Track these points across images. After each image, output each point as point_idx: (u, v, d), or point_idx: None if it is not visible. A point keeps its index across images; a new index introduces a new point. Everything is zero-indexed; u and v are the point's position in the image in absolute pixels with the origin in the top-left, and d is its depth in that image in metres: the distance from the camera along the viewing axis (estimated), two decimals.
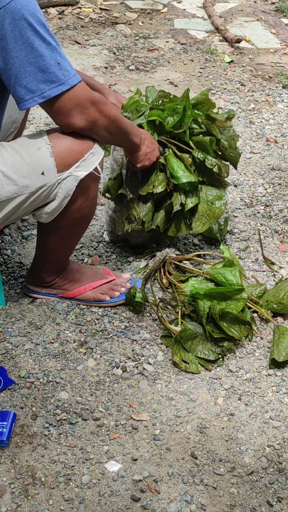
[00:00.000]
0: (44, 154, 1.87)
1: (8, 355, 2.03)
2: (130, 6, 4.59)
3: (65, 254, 2.15)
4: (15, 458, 1.76)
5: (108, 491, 1.70)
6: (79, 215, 2.01)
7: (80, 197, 1.96)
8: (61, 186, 1.91)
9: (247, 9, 4.71)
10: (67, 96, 1.80)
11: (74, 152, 1.90)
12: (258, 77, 3.82)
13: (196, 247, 2.53)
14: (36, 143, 1.88)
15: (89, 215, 2.06)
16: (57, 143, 1.88)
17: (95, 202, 2.05)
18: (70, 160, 1.90)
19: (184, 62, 3.93)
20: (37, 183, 1.88)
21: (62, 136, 1.90)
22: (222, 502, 1.71)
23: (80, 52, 3.94)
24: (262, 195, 2.84)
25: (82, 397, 1.93)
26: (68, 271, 2.18)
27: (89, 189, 1.97)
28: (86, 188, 1.96)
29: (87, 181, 1.94)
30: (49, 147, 1.87)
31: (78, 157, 1.91)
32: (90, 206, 2.03)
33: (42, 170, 1.87)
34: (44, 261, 2.15)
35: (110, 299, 2.21)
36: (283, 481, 1.76)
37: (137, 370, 2.03)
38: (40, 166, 1.87)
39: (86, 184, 1.95)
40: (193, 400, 1.95)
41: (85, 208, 2.01)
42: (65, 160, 1.89)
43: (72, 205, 1.97)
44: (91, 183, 1.97)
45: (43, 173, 1.88)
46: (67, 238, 2.09)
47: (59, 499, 1.68)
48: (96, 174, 1.95)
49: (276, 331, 2.12)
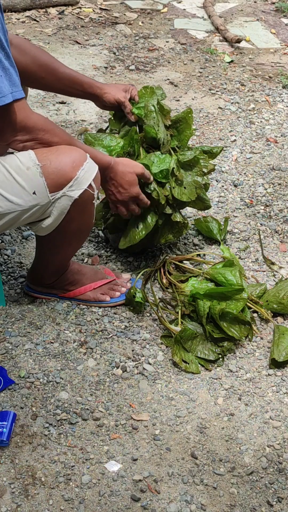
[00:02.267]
0: (33, 174, 1.83)
1: (8, 355, 2.03)
2: (130, 6, 4.59)
3: (64, 260, 2.14)
4: (15, 458, 1.76)
5: (108, 491, 1.70)
6: (77, 229, 1.99)
7: (76, 215, 1.93)
8: (55, 205, 1.88)
9: (247, 9, 4.71)
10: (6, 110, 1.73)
11: (65, 173, 1.85)
12: (258, 77, 3.82)
13: (196, 247, 2.53)
14: (25, 162, 1.83)
15: (87, 229, 2.04)
16: (47, 163, 1.83)
17: (92, 218, 2.01)
18: (61, 180, 1.85)
19: (184, 62, 3.93)
20: (29, 202, 1.85)
21: (52, 155, 1.84)
22: (222, 502, 1.71)
23: (80, 52, 3.94)
24: (262, 195, 2.84)
25: (82, 397, 1.93)
26: (69, 272, 2.18)
27: (85, 206, 1.93)
28: (82, 206, 1.92)
29: (83, 199, 1.90)
30: (38, 167, 1.83)
31: (69, 176, 1.86)
32: (87, 221, 2.00)
33: (34, 190, 1.84)
34: (44, 265, 2.15)
35: (110, 300, 2.21)
36: (283, 481, 1.76)
37: (137, 370, 2.03)
38: (31, 186, 1.83)
39: (81, 203, 1.91)
40: (193, 400, 1.95)
41: (82, 223, 1.99)
42: (56, 181, 1.85)
43: (69, 222, 1.94)
44: (87, 200, 1.92)
45: (35, 192, 1.84)
46: (65, 248, 2.08)
47: (59, 499, 1.68)
48: (90, 191, 1.91)
49: (276, 331, 2.12)
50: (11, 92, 1.71)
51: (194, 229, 2.61)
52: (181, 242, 2.54)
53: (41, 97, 3.44)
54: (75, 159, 1.87)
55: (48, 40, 4.04)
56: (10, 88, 1.71)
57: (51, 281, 2.18)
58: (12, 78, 1.71)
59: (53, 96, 3.45)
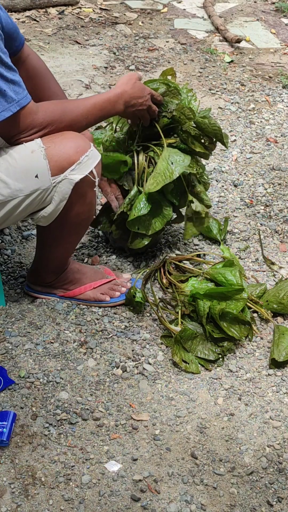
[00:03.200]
0: (37, 157, 1.85)
1: (8, 355, 2.03)
2: (130, 6, 4.59)
3: (64, 256, 2.14)
4: (15, 458, 1.76)
5: (108, 491, 1.70)
6: (77, 219, 2.00)
7: (77, 202, 1.95)
8: (56, 189, 1.90)
9: (247, 9, 4.71)
10: (15, 119, 1.80)
11: (69, 155, 1.88)
12: (258, 77, 3.82)
13: (196, 247, 2.53)
14: (30, 146, 1.86)
15: (87, 219, 2.05)
16: (51, 146, 1.86)
17: (93, 207, 2.03)
18: (64, 163, 1.88)
19: (184, 62, 3.93)
20: (31, 186, 1.86)
21: (57, 139, 1.88)
22: (222, 502, 1.71)
23: (80, 52, 3.94)
24: (262, 195, 2.84)
25: (82, 397, 1.93)
26: (69, 271, 2.18)
27: (85, 194, 1.96)
28: (82, 193, 1.94)
29: (83, 185, 1.92)
30: (43, 149, 1.85)
31: (73, 160, 1.89)
32: (88, 211, 2.02)
33: (36, 173, 1.86)
34: (44, 262, 2.15)
35: (110, 299, 2.21)
36: (283, 481, 1.76)
37: (137, 370, 2.03)
38: (33, 169, 1.85)
39: (82, 189, 1.93)
40: (193, 400, 1.95)
41: (82, 213, 2.00)
42: (59, 163, 1.87)
43: (69, 210, 1.96)
44: (88, 188, 1.95)
45: (37, 176, 1.86)
46: (66, 242, 2.08)
47: (59, 499, 1.68)
48: (91, 178, 1.93)
49: (276, 331, 2.12)
50: (17, 101, 1.77)
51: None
52: (181, 242, 2.54)
53: None
54: (79, 145, 1.90)
55: (48, 40, 4.04)
56: (15, 97, 1.76)
57: (51, 280, 2.18)
58: (16, 89, 1.77)
59: None
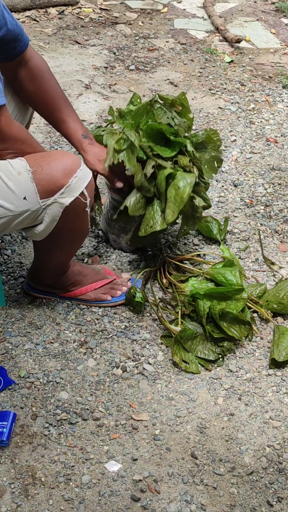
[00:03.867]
0: (24, 180, 1.81)
1: (8, 355, 2.03)
2: (130, 6, 4.59)
3: (61, 264, 2.13)
4: (15, 458, 1.76)
5: (108, 491, 1.70)
6: (70, 236, 1.99)
7: (68, 222, 1.91)
8: (46, 211, 1.87)
9: (247, 9, 4.71)
10: None
11: (56, 180, 1.83)
12: (258, 77, 3.82)
13: (196, 247, 2.53)
14: (16, 167, 1.82)
15: (81, 235, 2.03)
16: (38, 169, 1.82)
17: (86, 224, 1.99)
18: (52, 187, 1.83)
19: (184, 62, 3.93)
20: (20, 207, 1.84)
21: (43, 161, 1.83)
22: (222, 502, 1.71)
23: (80, 52, 3.94)
24: (262, 195, 2.84)
25: (82, 397, 1.93)
26: (70, 274, 2.18)
27: (77, 214, 1.92)
28: (74, 213, 1.90)
29: (74, 207, 1.88)
30: (30, 172, 1.81)
31: (61, 184, 1.84)
32: (81, 227, 1.99)
33: (24, 195, 1.82)
34: (43, 267, 2.15)
35: (112, 299, 2.21)
36: (283, 481, 1.76)
37: (137, 370, 2.03)
38: (21, 191, 1.82)
39: (73, 209, 1.89)
40: (193, 400, 1.95)
41: (76, 230, 1.98)
42: (47, 187, 1.83)
43: (62, 228, 1.93)
44: (79, 209, 1.90)
45: (25, 198, 1.82)
46: (62, 253, 2.07)
47: (59, 499, 1.68)
48: (82, 200, 1.89)
49: (276, 331, 2.12)
50: None
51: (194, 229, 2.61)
52: (181, 242, 2.54)
53: None
54: (68, 166, 1.85)
55: (48, 40, 4.04)
56: None
57: (52, 281, 2.18)
58: None
59: None
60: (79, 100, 3.42)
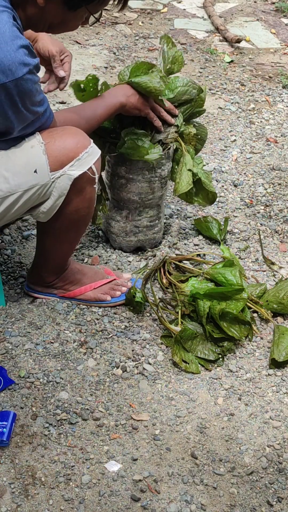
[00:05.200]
0: (37, 152, 1.86)
1: (8, 355, 2.03)
2: (130, 6, 4.59)
3: (64, 256, 2.14)
4: (15, 458, 1.76)
5: (108, 491, 1.70)
6: (76, 216, 2.00)
7: (75, 198, 1.95)
8: (55, 185, 1.90)
9: (247, 9, 4.71)
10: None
11: (68, 151, 1.89)
12: (258, 77, 3.82)
13: (196, 247, 2.53)
14: (29, 141, 1.87)
15: (86, 216, 2.05)
16: (51, 141, 1.87)
17: (92, 203, 2.03)
18: (63, 159, 1.89)
19: (184, 62, 3.93)
20: (30, 181, 1.87)
21: (56, 134, 1.89)
22: (222, 502, 1.71)
23: (80, 52, 3.94)
24: (262, 195, 2.84)
25: (82, 397, 1.93)
26: (69, 272, 2.18)
27: (84, 190, 1.96)
28: (81, 189, 1.95)
29: (82, 181, 1.93)
30: (43, 145, 1.86)
31: (72, 156, 1.90)
32: (87, 207, 2.01)
33: (35, 168, 1.86)
34: (44, 262, 2.15)
35: (111, 299, 2.21)
36: (283, 481, 1.76)
37: (137, 370, 2.03)
38: (32, 164, 1.86)
39: (81, 185, 1.94)
40: (193, 400, 1.95)
41: (81, 209, 2.00)
42: (58, 158, 1.88)
43: (68, 206, 1.96)
44: (87, 184, 1.95)
45: (36, 171, 1.86)
46: (65, 240, 2.08)
47: (59, 499, 1.68)
48: (90, 174, 1.94)
49: (276, 331, 2.12)
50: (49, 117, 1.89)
51: (194, 229, 2.61)
52: (181, 242, 2.54)
53: None
54: (79, 141, 1.91)
55: None
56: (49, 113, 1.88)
57: (51, 280, 2.18)
58: (46, 113, 1.87)
59: (53, 96, 3.45)
60: None
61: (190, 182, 2.30)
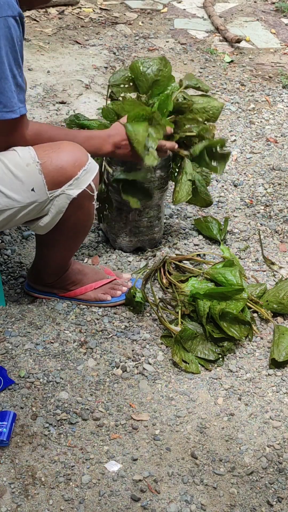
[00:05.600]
0: (33, 171, 1.83)
1: (8, 355, 2.03)
2: (130, 6, 4.59)
3: (64, 260, 2.13)
4: (15, 458, 1.76)
5: (108, 491, 1.70)
6: (75, 229, 1.99)
7: (74, 214, 1.93)
8: (53, 202, 1.88)
9: (247, 9, 4.71)
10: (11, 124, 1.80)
11: (65, 171, 1.85)
12: (258, 77, 3.82)
13: (196, 247, 2.53)
14: (25, 158, 1.83)
15: (85, 228, 2.04)
16: (47, 161, 1.83)
17: (91, 216, 2.01)
18: (61, 179, 1.85)
19: (184, 62, 3.93)
20: (28, 198, 1.85)
21: (53, 153, 1.84)
22: (222, 502, 1.71)
23: (80, 52, 3.94)
24: (262, 195, 2.84)
25: (82, 397, 1.93)
26: (70, 272, 2.18)
27: (83, 206, 1.94)
28: (80, 205, 1.92)
29: (82, 198, 1.90)
30: (38, 164, 1.82)
31: (70, 175, 1.86)
32: (86, 221, 2.00)
33: (32, 186, 1.83)
34: (44, 265, 2.15)
35: (112, 299, 2.21)
36: (283, 481, 1.76)
37: (137, 370, 2.03)
38: (29, 183, 1.83)
39: (80, 202, 1.91)
40: (193, 400, 1.95)
41: (80, 222, 1.99)
42: (55, 179, 1.85)
43: (67, 221, 1.94)
44: (85, 200, 1.92)
45: (33, 189, 1.84)
46: (64, 247, 2.08)
47: (59, 499, 1.68)
48: (89, 192, 1.91)
49: (276, 331, 2.12)
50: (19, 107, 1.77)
51: (194, 229, 2.61)
52: (181, 242, 2.54)
53: (41, 97, 3.44)
54: (77, 158, 1.87)
55: (48, 40, 4.04)
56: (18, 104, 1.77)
57: (52, 281, 2.18)
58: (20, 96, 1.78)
59: (53, 96, 3.45)
60: (79, 100, 3.42)
61: (189, 192, 2.30)
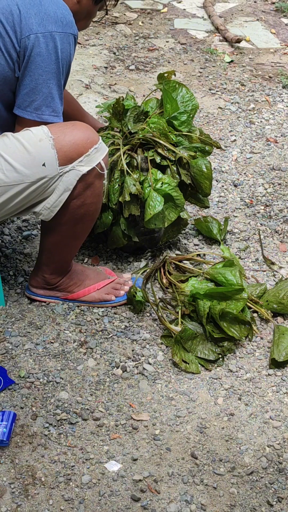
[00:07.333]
0: (45, 146, 1.87)
1: (8, 355, 2.03)
2: (130, 6, 4.59)
3: (69, 253, 2.12)
4: (15, 458, 1.76)
5: (108, 491, 1.70)
6: (83, 211, 1.99)
7: (83, 193, 1.95)
8: (61, 179, 1.91)
9: (247, 9, 4.71)
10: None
11: (78, 147, 1.90)
12: (258, 77, 3.82)
13: (196, 247, 2.53)
14: (38, 134, 1.88)
15: (94, 212, 2.04)
16: (60, 136, 1.88)
17: (100, 199, 2.03)
18: (73, 154, 1.90)
19: (184, 62, 3.93)
20: (38, 173, 1.88)
21: (66, 129, 1.90)
22: (222, 502, 1.71)
23: (80, 52, 3.94)
24: (262, 195, 2.84)
25: (82, 397, 1.93)
26: (73, 273, 2.17)
27: (93, 185, 1.96)
28: (89, 184, 1.95)
29: (91, 177, 1.94)
30: (51, 139, 1.87)
31: (81, 152, 1.90)
32: (95, 203, 2.01)
33: (44, 161, 1.87)
34: (48, 261, 2.12)
35: (116, 299, 2.21)
36: (283, 481, 1.76)
37: (137, 370, 2.03)
38: (41, 158, 1.87)
39: (89, 180, 1.94)
40: (193, 400, 1.95)
41: (89, 204, 1.99)
42: (67, 154, 1.89)
43: (76, 200, 1.96)
44: (95, 179, 1.96)
45: (44, 164, 1.87)
46: (71, 236, 2.06)
47: (59, 499, 1.68)
48: (99, 170, 1.94)
49: (276, 331, 2.12)
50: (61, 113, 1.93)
51: (194, 229, 2.61)
52: (181, 242, 2.54)
53: None
54: (89, 136, 1.92)
55: None
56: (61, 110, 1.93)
57: (55, 282, 2.16)
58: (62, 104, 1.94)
59: None
60: (79, 100, 3.41)
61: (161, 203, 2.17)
